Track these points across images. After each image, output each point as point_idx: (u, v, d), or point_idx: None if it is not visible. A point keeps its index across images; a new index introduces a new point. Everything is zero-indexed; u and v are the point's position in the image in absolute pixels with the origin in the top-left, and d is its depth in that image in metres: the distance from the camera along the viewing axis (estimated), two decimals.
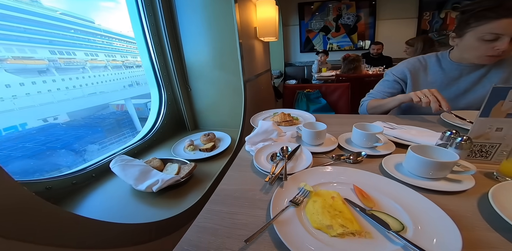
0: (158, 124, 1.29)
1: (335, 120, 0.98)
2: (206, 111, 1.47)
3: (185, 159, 0.94)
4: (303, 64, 4.49)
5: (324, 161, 0.63)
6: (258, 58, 1.73)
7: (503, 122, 0.51)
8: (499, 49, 0.69)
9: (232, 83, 1.32)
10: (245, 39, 1.37)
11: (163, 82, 1.31)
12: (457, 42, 0.83)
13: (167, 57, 1.28)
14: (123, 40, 10.31)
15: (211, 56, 1.32)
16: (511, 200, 0.40)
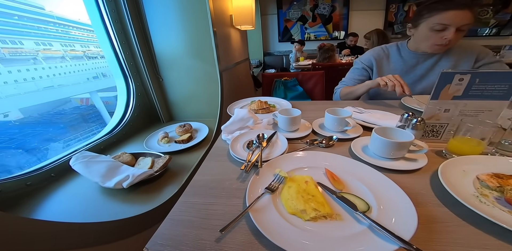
0: (128, 117, 1.19)
1: (310, 107, 1.00)
2: (182, 101, 1.39)
3: (159, 152, 0.88)
4: (282, 53, 4.50)
5: (299, 146, 0.64)
6: (235, 47, 1.67)
7: (450, 104, 0.55)
8: (447, 38, 0.76)
9: (208, 72, 1.25)
10: (220, 27, 1.30)
11: (130, 73, 1.20)
12: (413, 32, 0.90)
13: (133, 46, 1.17)
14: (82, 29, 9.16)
15: (184, 45, 1.23)
16: (457, 175, 0.44)
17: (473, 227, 0.34)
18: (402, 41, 1.03)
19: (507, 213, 0.34)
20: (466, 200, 0.36)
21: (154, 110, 1.37)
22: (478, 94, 0.53)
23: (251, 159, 0.55)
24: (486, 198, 0.38)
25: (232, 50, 1.57)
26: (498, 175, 0.40)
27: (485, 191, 0.40)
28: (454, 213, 0.37)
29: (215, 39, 1.13)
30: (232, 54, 1.57)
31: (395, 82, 0.81)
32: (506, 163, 0.47)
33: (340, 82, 1.21)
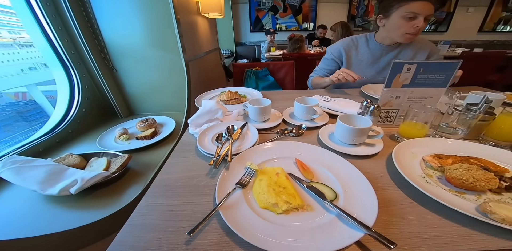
0: (74, 113, 1.03)
1: (281, 96, 1.00)
2: (143, 94, 1.26)
3: (116, 151, 0.79)
4: (254, 43, 4.40)
5: (270, 136, 0.64)
6: (203, 36, 1.55)
7: (400, 91, 0.61)
8: (418, 26, 0.83)
9: (172, 62, 1.14)
10: (185, 14, 1.18)
11: (72, 62, 1.02)
12: (384, 22, 0.94)
13: (73, 32, 0.99)
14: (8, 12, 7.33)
15: (142, 33, 1.09)
16: (407, 157, 0.48)
17: (422, 207, 0.37)
18: (370, 33, 1.08)
19: (448, 192, 0.39)
20: (415, 181, 0.40)
21: (109, 105, 1.21)
22: (422, 82, 0.59)
23: (220, 153, 0.52)
24: (430, 178, 0.42)
25: (199, 39, 1.46)
26: (439, 156, 0.46)
27: (430, 172, 0.45)
28: (406, 194, 0.40)
29: (179, 27, 1.01)
30: (199, 43, 1.46)
31: (343, 74, 0.91)
32: (445, 144, 0.53)
33: (314, 71, 1.25)
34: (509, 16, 4.33)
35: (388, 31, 0.94)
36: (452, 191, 0.39)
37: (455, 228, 0.33)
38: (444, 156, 0.46)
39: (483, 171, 0.37)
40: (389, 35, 0.95)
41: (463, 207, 0.34)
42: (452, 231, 0.33)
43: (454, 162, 0.43)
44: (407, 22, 0.83)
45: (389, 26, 0.91)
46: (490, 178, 0.36)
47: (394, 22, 0.87)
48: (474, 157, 0.45)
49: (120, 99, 1.23)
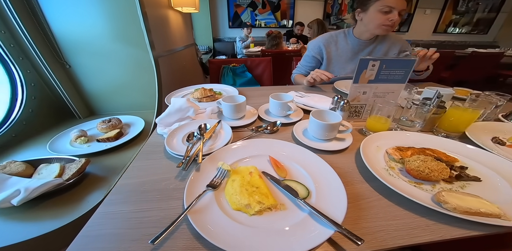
0: (18, 115, 0.89)
1: (258, 92, 0.98)
2: (106, 92, 1.13)
3: (72, 155, 0.70)
4: (232, 39, 4.25)
5: (245, 134, 0.61)
6: (176, 31, 1.43)
7: (366, 87, 0.62)
8: (393, 20, 0.87)
9: (140, 58, 1.03)
10: (154, 8, 1.08)
11: (12, 57, 0.87)
12: (362, 16, 0.95)
13: (10, 23, 0.84)
14: None
15: (103, 26, 0.96)
16: (372, 151, 0.49)
17: (387, 200, 0.38)
18: (349, 29, 1.08)
19: (408, 183, 0.40)
20: (379, 174, 0.41)
21: (64, 104, 1.07)
22: (385, 78, 0.60)
23: (190, 154, 0.48)
24: (393, 170, 0.44)
25: (171, 35, 1.35)
26: (400, 148, 0.47)
27: (392, 164, 0.46)
28: (373, 188, 0.41)
29: (146, 21, 0.91)
30: (171, 38, 1.35)
31: (317, 74, 0.93)
32: (404, 136, 0.56)
33: (297, 67, 1.25)
34: (458, 19, 4.78)
35: (365, 24, 0.96)
36: (411, 182, 0.40)
37: (415, 219, 0.34)
38: (404, 148, 0.48)
39: (437, 162, 0.39)
40: (367, 28, 0.97)
41: (421, 198, 0.35)
42: (413, 222, 0.34)
43: (412, 154, 0.45)
44: (383, 15, 0.86)
45: (367, 20, 0.93)
46: (443, 168, 0.38)
47: (371, 15, 0.89)
48: (429, 148, 0.47)
49: (77, 98, 1.09)
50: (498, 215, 0.30)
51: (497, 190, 0.38)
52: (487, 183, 0.39)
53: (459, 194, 0.34)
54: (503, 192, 0.37)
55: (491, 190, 0.38)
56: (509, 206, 0.33)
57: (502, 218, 0.30)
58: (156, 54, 1.00)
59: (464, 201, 0.33)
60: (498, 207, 0.32)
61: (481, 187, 0.39)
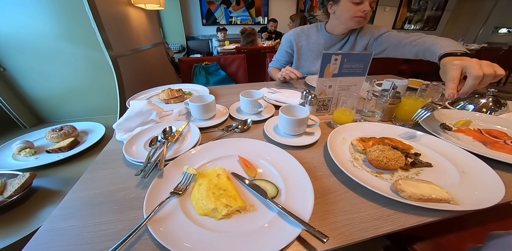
0: None
1: (231, 90, 0.93)
2: (57, 98, 0.98)
3: (15, 170, 0.60)
4: (207, 37, 4.07)
5: (215, 135, 0.57)
6: (139, 29, 1.30)
7: (331, 81, 0.62)
8: (365, 10, 0.84)
9: (94, 59, 0.92)
10: (108, 5, 0.94)
11: None
12: (334, 9, 0.91)
13: None
14: None
15: (45, 25, 0.83)
16: (339, 143, 0.49)
17: (352, 192, 0.38)
18: (321, 23, 1.04)
19: (370, 174, 0.40)
20: (344, 166, 0.41)
21: (2, 113, 0.91)
22: (347, 71, 0.60)
23: (152, 160, 0.43)
24: (357, 161, 0.44)
25: (133, 33, 1.22)
26: (363, 139, 0.48)
27: (357, 155, 0.46)
28: (340, 181, 0.40)
29: (97, 19, 0.79)
30: (134, 37, 1.22)
31: (286, 72, 0.92)
32: (367, 127, 0.56)
33: (273, 60, 1.21)
34: (412, 17, 5.13)
35: (338, 17, 0.92)
36: (373, 172, 0.41)
37: (378, 210, 0.34)
38: (367, 139, 0.48)
39: (393, 151, 0.40)
40: (340, 22, 0.93)
41: (382, 188, 0.35)
42: (375, 213, 0.34)
43: (374, 144, 0.45)
44: (355, 6, 0.84)
45: (339, 12, 0.89)
46: (399, 157, 0.39)
47: (343, 7, 0.86)
48: (388, 138, 0.48)
49: (19, 105, 0.93)
50: (447, 200, 0.31)
51: (446, 173, 0.40)
52: (438, 168, 0.41)
53: (414, 181, 0.35)
54: (450, 175, 0.39)
55: (441, 175, 0.39)
56: (456, 190, 0.35)
57: (451, 203, 0.31)
58: (114, 54, 0.89)
59: (418, 188, 0.33)
60: (447, 191, 0.33)
61: (432, 172, 0.40)
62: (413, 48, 0.77)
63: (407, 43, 0.80)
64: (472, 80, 0.40)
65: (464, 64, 0.42)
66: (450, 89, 0.44)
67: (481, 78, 0.40)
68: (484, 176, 0.37)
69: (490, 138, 0.49)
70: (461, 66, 0.42)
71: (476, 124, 0.58)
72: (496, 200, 0.31)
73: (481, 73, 0.39)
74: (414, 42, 0.77)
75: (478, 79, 0.40)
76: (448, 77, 0.44)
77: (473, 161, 0.40)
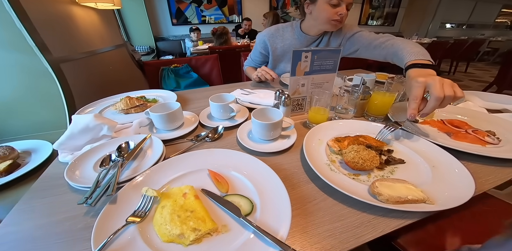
0: None
1: (204, 94, 0.86)
2: None
3: None
4: (179, 37, 3.83)
5: (183, 146, 0.51)
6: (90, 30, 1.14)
7: (304, 79, 0.59)
8: (342, 14, 0.80)
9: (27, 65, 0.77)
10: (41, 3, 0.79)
11: None
12: (311, 9, 0.86)
13: None
14: None
15: None
16: (315, 145, 0.46)
17: (331, 199, 0.35)
18: (296, 22, 0.97)
19: (347, 176, 0.38)
20: (321, 171, 0.38)
21: None
22: (318, 69, 0.58)
23: (102, 184, 0.35)
24: (334, 164, 0.41)
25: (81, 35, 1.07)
26: (338, 139, 0.45)
27: (333, 157, 0.44)
28: (318, 187, 0.37)
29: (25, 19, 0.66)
30: (84, 39, 1.07)
31: (262, 72, 0.87)
32: (340, 125, 0.54)
33: (248, 58, 1.16)
34: (373, 13, 5.44)
35: (315, 18, 0.87)
36: (350, 174, 0.38)
37: (358, 216, 0.32)
38: (342, 138, 0.46)
39: (368, 151, 0.38)
40: (316, 23, 0.89)
41: (359, 192, 0.33)
42: (356, 220, 0.31)
43: (349, 144, 0.43)
44: (332, 8, 0.80)
45: (316, 13, 0.85)
46: (373, 157, 0.37)
47: (320, 8, 0.82)
48: (362, 136, 0.47)
49: None
50: (423, 200, 0.30)
51: (418, 169, 0.39)
52: (410, 164, 0.40)
53: (389, 182, 0.33)
54: (423, 171, 0.38)
55: (414, 171, 0.39)
56: (430, 187, 0.34)
57: (427, 202, 0.30)
58: (54, 59, 0.76)
59: (395, 190, 0.31)
60: (421, 191, 0.31)
61: (406, 168, 0.39)
62: (382, 51, 0.77)
63: (376, 45, 0.80)
64: (434, 102, 0.40)
65: (428, 82, 0.42)
66: (411, 109, 0.43)
67: (442, 99, 0.40)
68: (453, 170, 0.37)
69: (452, 128, 0.51)
70: (424, 84, 0.42)
71: (439, 115, 0.60)
72: (468, 195, 0.30)
73: (442, 94, 0.39)
74: (383, 44, 0.77)
75: (439, 101, 0.40)
76: (411, 95, 0.44)
77: (442, 155, 0.40)
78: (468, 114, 0.58)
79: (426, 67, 0.52)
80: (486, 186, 0.35)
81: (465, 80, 3.80)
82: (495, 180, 0.36)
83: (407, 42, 0.69)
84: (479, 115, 0.56)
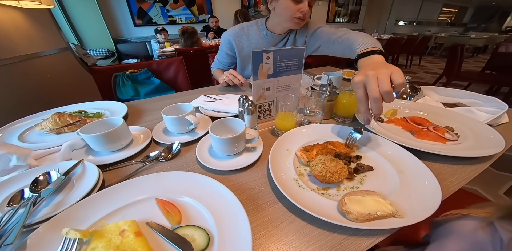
0: None
1: (164, 103, 0.77)
2: None
3: None
4: (143, 39, 3.56)
5: (130, 170, 0.43)
6: (12, 33, 0.95)
7: (268, 82, 0.54)
8: (304, 11, 0.77)
9: None
10: None
11: None
12: (274, 5, 0.83)
13: None
14: None
15: None
16: (282, 157, 0.41)
17: (300, 220, 0.31)
18: (262, 20, 0.93)
19: (316, 192, 0.34)
20: (288, 188, 0.34)
21: None
22: (282, 70, 0.54)
23: (6, 228, 0.27)
24: (302, 178, 0.38)
25: None
26: (306, 148, 0.42)
27: (302, 169, 0.40)
28: (286, 207, 0.34)
29: None
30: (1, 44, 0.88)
31: (230, 77, 0.82)
32: (309, 131, 0.50)
33: (214, 61, 1.10)
34: (339, 11, 5.74)
35: (278, 15, 0.84)
36: (319, 189, 0.35)
37: (328, 238, 0.29)
38: (310, 147, 0.43)
39: (335, 162, 0.35)
40: (280, 20, 0.85)
41: (328, 211, 0.30)
42: (326, 243, 0.28)
43: (317, 153, 0.40)
44: (294, 5, 0.77)
45: (278, 10, 0.82)
46: (341, 168, 0.34)
47: (282, 5, 0.79)
48: (331, 142, 0.44)
49: None
50: (392, 214, 0.28)
51: (386, 176, 0.37)
52: (379, 170, 0.39)
53: (358, 195, 0.31)
54: (391, 178, 0.37)
55: (383, 179, 0.37)
56: (397, 196, 0.33)
57: (396, 217, 0.28)
58: None
59: (364, 205, 0.29)
60: (390, 203, 0.30)
61: (375, 176, 0.38)
62: (340, 46, 0.76)
63: (335, 40, 0.79)
64: (374, 103, 0.37)
65: (363, 80, 0.40)
66: (362, 113, 0.41)
67: (381, 99, 0.37)
68: (419, 175, 0.35)
69: (415, 126, 0.51)
70: (362, 83, 0.40)
71: (402, 112, 0.61)
72: (435, 205, 0.29)
73: (378, 94, 0.36)
74: (340, 38, 0.76)
75: (379, 101, 0.37)
76: (357, 99, 0.42)
77: (408, 158, 0.39)
78: (428, 109, 0.60)
79: (372, 54, 0.52)
80: (451, 189, 0.35)
81: (419, 73, 4.25)
82: (459, 181, 0.36)
83: (359, 34, 0.69)
84: (438, 111, 0.59)
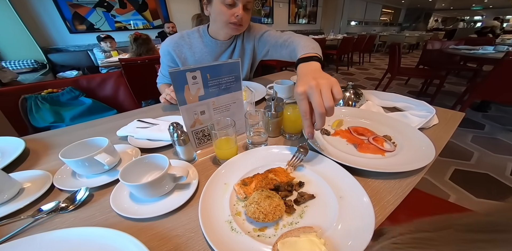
0: None
1: (87, 132, 0.66)
2: None
3: None
4: (84, 48, 3.23)
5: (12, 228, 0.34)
6: None
7: (201, 105, 0.49)
8: (238, 15, 0.74)
9: None
10: None
11: None
12: (210, 10, 0.78)
13: None
14: None
15: None
16: (218, 194, 0.38)
17: None
18: (204, 26, 0.88)
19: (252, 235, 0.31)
20: (219, 236, 0.30)
21: None
22: (217, 89, 0.50)
23: None
24: (237, 218, 0.34)
25: None
26: (244, 181, 0.39)
27: (239, 207, 0.37)
28: None
29: None
30: None
31: (171, 95, 0.76)
32: (249, 157, 0.47)
33: (158, 75, 1.02)
34: (299, 12, 6.10)
35: (213, 21, 0.80)
36: (256, 230, 0.33)
37: None
38: (249, 179, 0.40)
39: (270, 200, 0.33)
40: (218, 26, 0.81)
41: None
42: None
43: (256, 186, 0.37)
44: (228, 9, 0.73)
45: (213, 15, 0.78)
46: (276, 207, 0.32)
47: (216, 9, 0.75)
48: (272, 170, 0.42)
49: None
50: None
51: (327, 204, 0.36)
52: (320, 198, 0.37)
53: (294, 235, 0.29)
54: (331, 207, 0.35)
55: (322, 208, 0.36)
56: (334, 231, 0.31)
57: None
58: None
59: (297, 249, 0.27)
60: (324, 243, 0.28)
61: (316, 205, 0.36)
62: (286, 50, 0.76)
63: (282, 44, 0.79)
64: (319, 118, 0.39)
65: (307, 91, 0.40)
66: (306, 127, 0.41)
67: (325, 113, 0.38)
68: (357, 199, 0.35)
69: (358, 138, 0.53)
70: (305, 95, 0.40)
71: (346, 121, 0.62)
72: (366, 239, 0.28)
73: (323, 109, 0.38)
74: (286, 42, 0.76)
75: (324, 116, 0.38)
76: (300, 111, 0.41)
77: (346, 180, 0.39)
78: (370, 117, 0.62)
79: (311, 60, 0.53)
80: (387, 211, 0.35)
81: (370, 69, 4.79)
82: (395, 198, 0.37)
83: (302, 37, 0.71)
84: (378, 118, 0.61)
